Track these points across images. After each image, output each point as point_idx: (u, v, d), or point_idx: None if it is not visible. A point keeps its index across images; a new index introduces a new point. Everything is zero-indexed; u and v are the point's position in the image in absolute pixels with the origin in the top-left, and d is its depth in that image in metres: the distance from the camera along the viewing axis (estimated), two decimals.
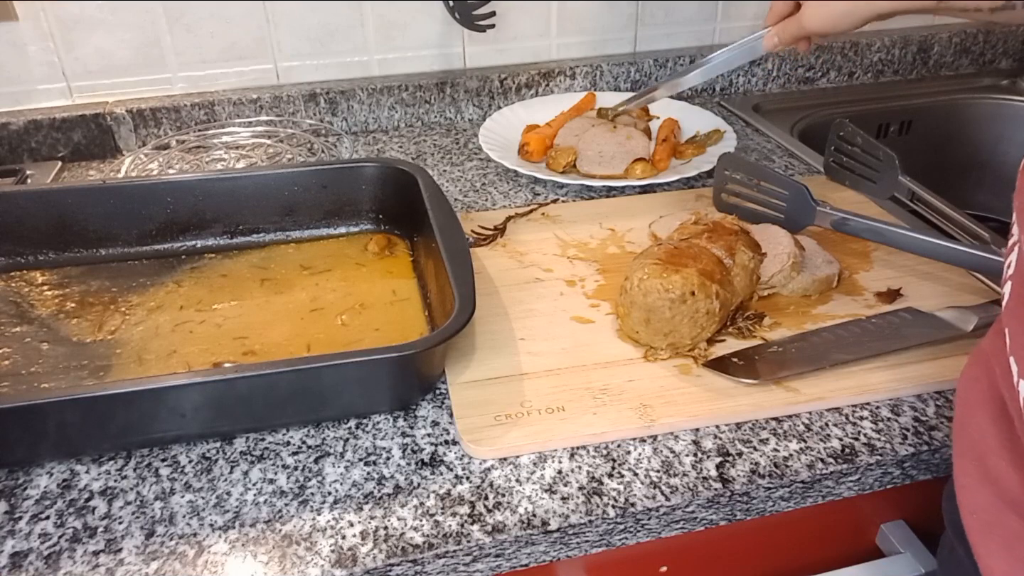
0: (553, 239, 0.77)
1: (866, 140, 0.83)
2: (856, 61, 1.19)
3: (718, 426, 0.56)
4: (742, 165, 0.79)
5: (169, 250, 0.75)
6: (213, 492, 0.51)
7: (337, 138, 1.01)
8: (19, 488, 0.52)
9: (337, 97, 1.02)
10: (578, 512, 0.50)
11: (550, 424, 0.55)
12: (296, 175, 0.76)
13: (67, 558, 0.47)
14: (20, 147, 0.95)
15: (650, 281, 0.59)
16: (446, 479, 0.52)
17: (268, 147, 0.96)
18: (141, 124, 0.97)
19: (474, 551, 0.48)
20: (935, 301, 0.66)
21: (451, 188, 0.89)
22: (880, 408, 0.58)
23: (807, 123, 1.10)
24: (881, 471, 0.55)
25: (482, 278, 0.70)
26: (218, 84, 1.01)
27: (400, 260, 0.75)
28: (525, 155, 0.92)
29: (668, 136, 0.94)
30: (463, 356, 0.61)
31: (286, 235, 0.78)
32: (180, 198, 0.74)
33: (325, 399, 0.55)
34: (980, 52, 1.24)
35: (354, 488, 0.51)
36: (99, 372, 0.61)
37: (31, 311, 0.67)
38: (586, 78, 1.09)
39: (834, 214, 0.71)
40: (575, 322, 0.65)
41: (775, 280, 0.67)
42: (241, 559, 0.47)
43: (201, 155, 0.94)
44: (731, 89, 1.17)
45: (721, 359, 0.60)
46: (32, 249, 0.73)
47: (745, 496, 0.52)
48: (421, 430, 0.56)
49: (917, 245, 0.68)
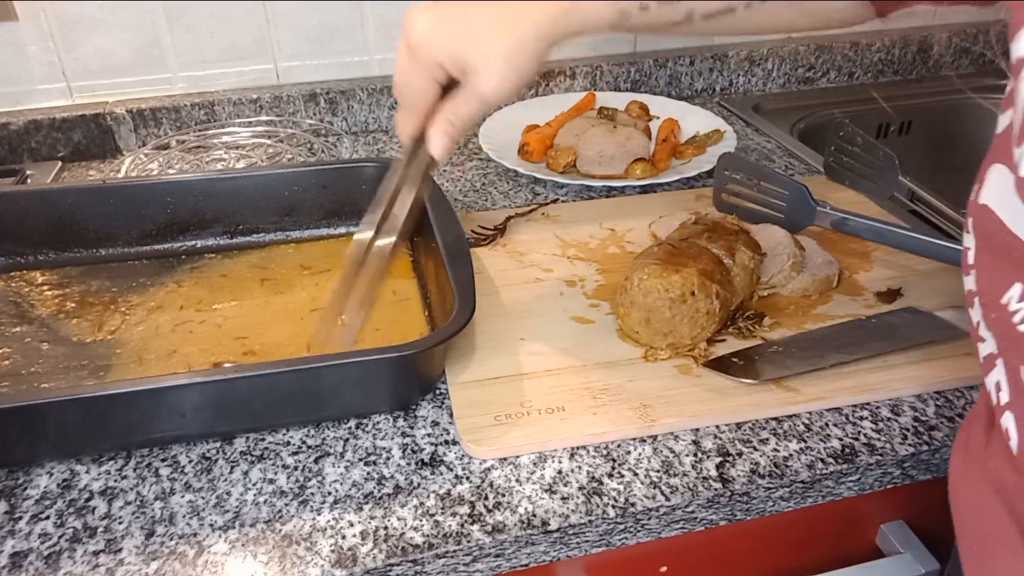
0: (553, 239, 0.77)
1: (866, 140, 0.83)
2: (856, 61, 1.19)
3: (718, 426, 0.56)
4: (742, 165, 0.79)
5: (169, 250, 0.75)
6: (213, 492, 0.51)
7: (337, 138, 1.01)
8: (19, 488, 0.52)
9: (337, 97, 1.02)
10: (578, 512, 0.50)
11: (550, 424, 0.55)
12: (296, 175, 0.76)
13: (67, 558, 0.47)
14: (20, 147, 0.95)
15: (650, 281, 0.59)
16: (446, 479, 0.52)
17: (268, 147, 0.96)
18: (141, 124, 0.97)
19: (474, 551, 0.48)
20: (935, 301, 0.66)
21: (451, 188, 0.89)
22: (880, 408, 0.58)
23: (807, 123, 1.10)
24: (881, 471, 0.55)
25: (482, 278, 0.70)
26: (218, 84, 1.01)
27: (400, 260, 0.75)
28: (525, 155, 0.92)
29: (668, 136, 0.94)
30: (463, 356, 0.61)
31: (286, 235, 0.78)
32: (180, 198, 0.74)
33: (325, 399, 0.55)
34: (980, 52, 1.24)
35: (354, 488, 0.51)
36: (99, 372, 0.61)
37: (31, 311, 0.67)
38: (586, 78, 1.09)
39: (834, 214, 0.71)
40: (575, 322, 0.65)
41: (775, 280, 0.67)
42: (241, 559, 0.47)
43: (201, 155, 0.94)
44: (731, 89, 1.17)
45: (721, 359, 0.60)
46: (32, 249, 0.73)
47: (745, 496, 0.52)
48: (421, 430, 0.56)
49: (917, 245, 0.68)
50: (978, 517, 0.42)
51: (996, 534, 0.40)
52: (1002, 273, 0.36)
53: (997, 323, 0.37)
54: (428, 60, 0.51)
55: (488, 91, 0.50)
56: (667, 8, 0.52)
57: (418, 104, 0.53)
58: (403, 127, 0.54)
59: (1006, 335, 0.36)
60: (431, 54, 0.50)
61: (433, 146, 0.53)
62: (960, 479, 0.44)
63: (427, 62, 0.51)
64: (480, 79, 0.50)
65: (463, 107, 0.52)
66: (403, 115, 0.54)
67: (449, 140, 0.53)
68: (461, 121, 0.53)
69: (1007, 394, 0.37)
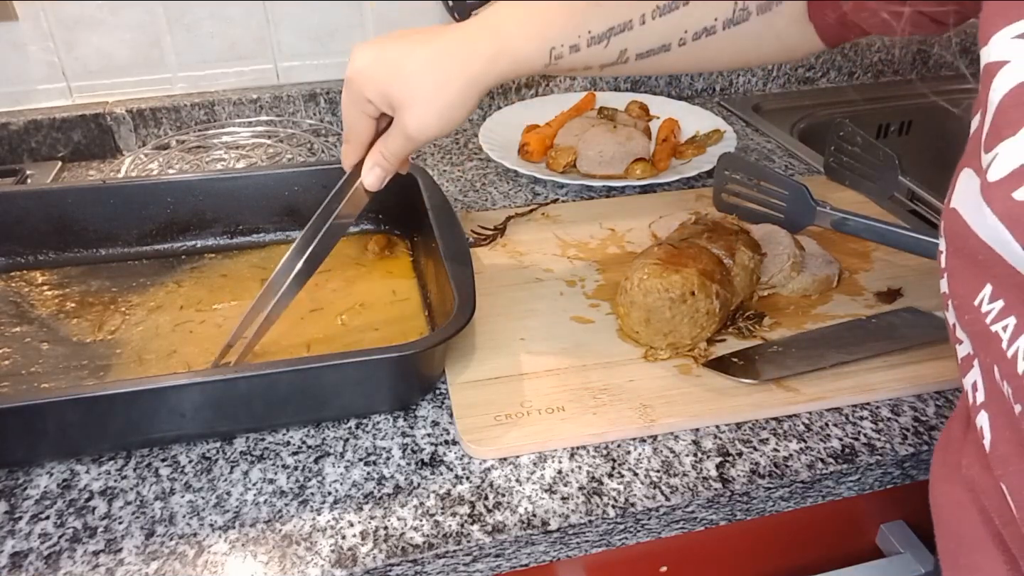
0: (553, 239, 0.77)
1: (866, 140, 0.83)
2: (856, 61, 1.19)
3: (718, 426, 0.56)
4: (742, 165, 0.79)
5: (169, 250, 0.75)
6: (213, 492, 0.51)
7: (337, 138, 1.01)
8: (19, 488, 0.52)
9: (337, 97, 1.02)
10: (578, 512, 0.50)
11: (550, 424, 0.55)
12: (296, 175, 0.76)
13: (67, 558, 0.47)
14: (20, 147, 0.95)
15: (650, 281, 0.59)
16: (446, 479, 0.52)
17: (268, 147, 0.96)
18: (141, 124, 0.97)
19: (474, 551, 0.48)
20: (935, 301, 0.66)
21: (451, 188, 0.89)
22: (880, 408, 0.58)
23: (807, 123, 1.10)
24: (881, 471, 0.55)
25: (482, 278, 0.70)
26: (218, 84, 1.01)
27: (400, 260, 0.75)
28: (525, 155, 0.92)
29: (668, 136, 0.94)
30: (463, 356, 0.61)
31: (286, 235, 0.78)
32: (180, 198, 0.74)
33: (325, 399, 0.55)
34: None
35: (354, 488, 0.51)
36: (99, 372, 0.61)
37: (31, 311, 0.67)
38: (586, 78, 1.09)
39: (834, 214, 0.71)
40: (575, 322, 0.65)
41: (775, 280, 0.67)
42: (241, 559, 0.47)
43: (201, 155, 0.94)
44: (731, 89, 1.17)
45: (721, 359, 0.60)
46: (32, 249, 0.73)
47: (745, 496, 0.52)
48: (421, 430, 0.56)
49: (917, 245, 0.68)
50: (953, 515, 0.42)
51: (969, 532, 0.40)
52: (972, 276, 0.37)
53: (971, 324, 0.37)
54: (358, 95, 0.53)
55: (412, 129, 0.52)
56: (598, 49, 0.52)
57: (355, 136, 0.56)
58: (345, 158, 0.57)
59: (979, 336, 0.37)
60: (360, 89, 0.52)
61: (365, 177, 0.56)
62: (939, 478, 0.44)
63: (357, 97, 0.53)
64: (405, 117, 0.52)
65: (392, 143, 0.54)
66: (346, 147, 0.57)
67: (381, 172, 0.56)
68: (392, 155, 0.55)
69: (982, 394, 0.38)
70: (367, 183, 0.56)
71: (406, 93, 0.51)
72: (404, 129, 0.53)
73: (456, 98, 0.52)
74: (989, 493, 0.38)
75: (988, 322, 0.36)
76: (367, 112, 0.54)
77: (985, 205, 0.34)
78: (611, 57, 0.53)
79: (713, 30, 0.53)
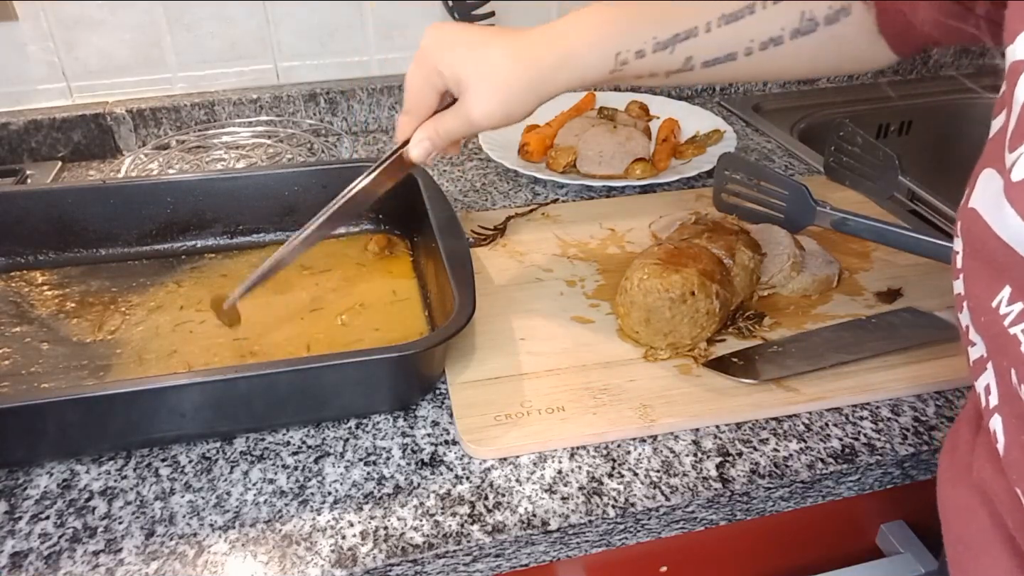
0: (553, 239, 0.77)
1: (866, 140, 0.83)
2: None
3: (718, 426, 0.56)
4: (742, 165, 0.79)
5: (169, 250, 0.75)
6: (213, 492, 0.51)
7: (337, 138, 1.01)
8: (19, 488, 0.52)
9: (337, 97, 1.02)
10: (578, 512, 0.50)
11: (550, 424, 0.55)
12: (296, 175, 0.76)
13: (67, 558, 0.47)
14: (20, 147, 0.95)
15: (650, 281, 0.59)
16: (446, 479, 0.52)
17: (268, 147, 0.96)
18: (141, 124, 0.97)
19: (474, 551, 0.48)
20: (935, 301, 0.66)
21: (451, 188, 0.89)
22: (880, 408, 0.58)
23: (807, 123, 1.10)
24: (881, 471, 0.55)
25: (482, 278, 0.70)
26: (218, 84, 1.01)
27: (400, 260, 0.75)
28: (525, 155, 0.92)
29: (668, 136, 0.94)
30: (463, 356, 0.61)
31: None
32: (180, 198, 0.74)
33: (325, 399, 0.55)
34: (980, 52, 1.24)
35: (354, 488, 0.51)
36: (99, 372, 0.61)
37: (31, 311, 0.67)
38: None
39: (834, 214, 0.71)
40: (575, 322, 0.65)
41: (775, 280, 0.67)
42: (241, 559, 0.47)
43: (201, 155, 0.94)
44: (731, 89, 1.17)
45: (721, 359, 0.60)
46: (32, 249, 0.73)
47: (745, 496, 0.52)
48: (421, 430, 0.56)
49: (917, 245, 0.68)
50: (962, 519, 0.42)
51: (979, 536, 0.40)
52: (990, 277, 0.36)
53: (987, 326, 0.37)
54: (431, 67, 0.54)
55: (476, 113, 0.53)
56: (664, 55, 0.53)
57: (415, 108, 0.56)
58: (400, 128, 0.58)
59: (996, 338, 0.36)
60: (435, 61, 0.53)
61: (413, 148, 0.57)
62: (947, 481, 0.44)
63: (429, 69, 0.54)
64: (470, 99, 0.53)
65: (450, 121, 0.55)
66: (403, 117, 0.57)
67: (429, 146, 0.56)
68: (444, 132, 0.56)
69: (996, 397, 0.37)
70: (414, 155, 0.56)
71: (476, 77, 0.52)
72: (468, 111, 0.53)
73: (520, 95, 0.53)
74: (1001, 497, 0.38)
75: (1006, 324, 0.35)
76: (435, 85, 0.54)
77: (1008, 205, 0.33)
78: (677, 64, 0.53)
79: (780, 40, 0.53)
